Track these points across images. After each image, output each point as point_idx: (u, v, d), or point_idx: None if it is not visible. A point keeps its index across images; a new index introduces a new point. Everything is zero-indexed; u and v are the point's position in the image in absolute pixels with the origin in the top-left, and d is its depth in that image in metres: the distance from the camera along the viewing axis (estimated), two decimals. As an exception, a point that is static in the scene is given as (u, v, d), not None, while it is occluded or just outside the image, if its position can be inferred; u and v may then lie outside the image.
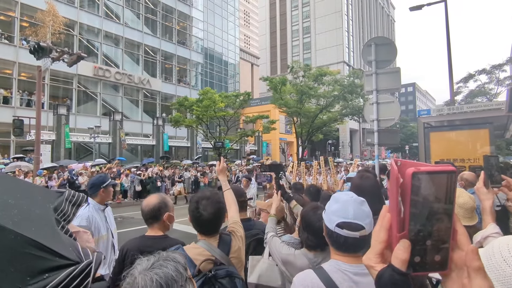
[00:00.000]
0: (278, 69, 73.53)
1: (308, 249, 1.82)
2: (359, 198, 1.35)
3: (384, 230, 0.54)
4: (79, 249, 0.67)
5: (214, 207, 1.70)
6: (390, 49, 5.54)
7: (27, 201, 0.71)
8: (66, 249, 0.62)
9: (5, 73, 22.24)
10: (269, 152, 41.34)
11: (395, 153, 62.57)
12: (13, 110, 21.10)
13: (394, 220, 0.51)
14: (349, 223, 1.26)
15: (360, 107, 27.94)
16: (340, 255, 1.32)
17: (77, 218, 2.70)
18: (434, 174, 0.48)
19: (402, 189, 0.50)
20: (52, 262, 0.58)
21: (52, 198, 0.82)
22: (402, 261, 0.48)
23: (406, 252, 0.48)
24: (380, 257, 0.54)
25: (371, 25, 78.47)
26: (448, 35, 13.18)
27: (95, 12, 27.42)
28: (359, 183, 2.24)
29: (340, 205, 1.31)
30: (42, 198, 0.79)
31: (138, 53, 30.78)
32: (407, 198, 0.48)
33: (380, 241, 0.54)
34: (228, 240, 1.79)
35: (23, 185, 0.83)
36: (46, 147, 20.43)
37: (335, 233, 1.28)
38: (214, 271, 1.52)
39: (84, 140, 24.70)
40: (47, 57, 11.87)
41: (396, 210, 0.51)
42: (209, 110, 23.95)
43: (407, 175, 0.48)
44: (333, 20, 65.44)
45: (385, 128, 5.85)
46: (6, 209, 0.61)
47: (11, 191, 0.72)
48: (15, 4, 22.41)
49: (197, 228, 1.75)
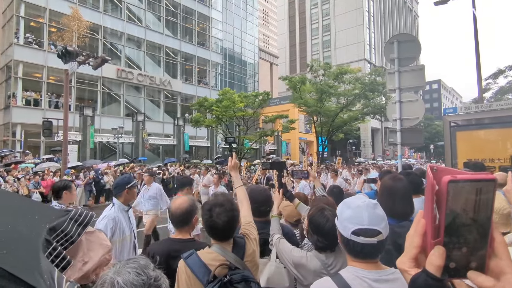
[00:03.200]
0: (298, 68, 73.02)
1: (319, 251, 1.80)
2: (371, 201, 1.30)
3: (418, 235, 0.54)
4: (54, 277, 0.62)
5: (227, 215, 1.66)
6: (414, 46, 5.37)
7: (13, 220, 0.68)
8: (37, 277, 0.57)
9: (35, 76, 23.28)
10: (289, 151, 41.14)
11: (419, 153, 60.78)
12: (43, 112, 22.04)
13: (429, 226, 0.52)
14: (365, 229, 1.22)
15: (382, 105, 27.30)
16: (358, 262, 1.28)
17: (104, 219, 2.77)
18: (471, 182, 0.47)
19: (438, 196, 0.50)
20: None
21: (53, 217, 0.79)
22: (437, 267, 0.49)
23: (441, 258, 0.49)
24: (414, 261, 0.55)
25: (394, 21, 76.47)
26: (476, 29, 12.63)
27: (118, 16, 28.22)
28: (391, 184, 2.13)
29: (353, 211, 1.26)
30: (39, 217, 0.75)
31: (159, 55, 31.42)
32: (443, 205, 0.48)
33: (415, 246, 0.55)
34: (242, 244, 1.76)
35: (20, 203, 0.79)
36: (73, 147, 21.22)
37: (351, 241, 1.23)
38: (230, 276, 1.50)
39: (108, 140, 25.47)
40: (73, 60, 12.30)
41: (431, 216, 0.51)
42: (228, 110, 24.07)
43: (443, 183, 0.48)
44: (354, 17, 64.25)
45: (409, 127, 5.68)
46: None
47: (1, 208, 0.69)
48: (44, 10, 23.41)
49: (211, 235, 1.73)
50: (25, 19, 22.85)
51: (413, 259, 0.55)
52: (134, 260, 0.87)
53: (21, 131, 21.61)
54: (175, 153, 29.56)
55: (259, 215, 2.37)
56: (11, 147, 21.16)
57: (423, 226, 0.54)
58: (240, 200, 2.02)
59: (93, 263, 0.93)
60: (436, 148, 58.10)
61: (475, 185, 0.47)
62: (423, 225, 0.54)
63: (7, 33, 23.81)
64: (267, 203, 2.45)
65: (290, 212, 2.91)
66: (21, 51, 22.17)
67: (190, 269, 1.59)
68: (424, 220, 0.54)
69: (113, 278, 0.79)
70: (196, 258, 1.62)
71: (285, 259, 1.92)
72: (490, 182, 0.47)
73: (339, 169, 13.77)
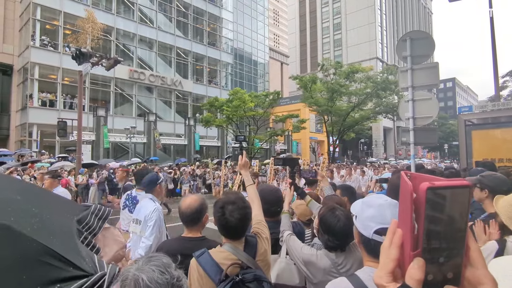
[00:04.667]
0: (308, 67, 72.63)
1: (329, 250, 1.79)
2: (393, 200, 1.27)
3: (396, 247, 0.52)
4: (95, 260, 0.66)
5: (240, 212, 1.66)
6: (427, 44, 5.26)
7: (51, 211, 0.72)
8: (81, 260, 0.62)
9: (51, 78, 23.82)
10: (299, 151, 40.98)
11: (433, 153, 59.69)
12: (58, 113, 22.53)
13: (408, 237, 0.49)
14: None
15: (394, 104, 26.90)
16: (375, 262, 1.24)
17: (155, 212, 2.90)
18: (448, 189, 0.46)
19: (416, 204, 0.48)
20: (66, 272, 0.57)
21: (78, 211, 0.83)
22: (417, 281, 0.46)
23: (421, 271, 0.47)
24: (391, 275, 0.52)
25: (406, 19, 75.28)
26: (492, 25, 12.32)
27: (130, 18, 28.61)
28: (398, 183, 2.09)
29: (375, 210, 1.23)
30: (67, 210, 0.80)
31: (171, 56, 31.71)
32: (421, 214, 0.46)
33: (392, 259, 0.52)
34: (254, 243, 1.75)
35: (50, 197, 0.85)
36: (87, 147, 21.62)
37: (373, 240, 1.20)
38: (242, 275, 1.50)
39: (121, 140, 25.85)
40: (87, 62, 12.55)
41: (410, 226, 0.48)
42: (239, 110, 24.14)
43: (421, 190, 0.46)
44: (366, 15, 63.51)
45: (422, 127, 5.58)
46: (27, 217, 0.62)
47: (37, 201, 0.73)
48: (59, 13, 23.91)
49: (223, 233, 1.73)
50: (41, 22, 23.39)
51: (391, 273, 0.51)
52: (157, 258, 0.87)
53: (37, 131, 22.14)
54: (186, 153, 29.81)
55: (270, 215, 2.37)
56: (27, 147, 21.70)
57: (400, 236, 0.51)
58: (251, 198, 2.02)
59: (107, 258, 0.94)
60: (451, 148, 56.95)
61: (452, 192, 0.46)
62: (400, 236, 0.51)
63: (24, 36, 24.42)
64: (278, 204, 2.44)
65: (303, 211, 2.89)
66: (37, 53, 22.71)
67: (202, 268, 1.59)
68: (400, 231, 0.51)
69: (137, 275, 0.79)
70: (208, 257, 1.62)
71: (295, 256, 1.91)
72: (465, 188, 0.46)
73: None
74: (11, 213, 0.58)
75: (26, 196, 0.71)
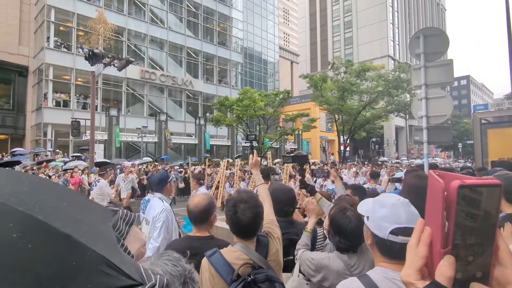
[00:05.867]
0: (319, 66, 72.12)
1: (341, 252, 1.77)
2: (405, 200, 1.24)
3: (425, 245, 0.52)
4: (141, 270, 0.66)
5: (252, 211, 1.65)
6: (441, 40, 5.16)
7: (92, 217, 0.72)
8: (130, 268, 0.62)
9: (64, 79, 24.29)
10: (310, 150, 40.76)
11: (446, 152, 58.56)
12: (71, 113, 22.96)
13: (438, 235, 0.49)
14: (404, 228, 1.16)
15: (406, 103, 26.52)
16: (388, 262, 1.22)
17: (163, 212, 2.92)
18: (479, 188, 0.46)
19: (447, 202, 0.48)
20: (120, 281, 0.57)
21: (109, 215, 0.83)
22: (448, 278, 0.46)
23: (452, 268, 0.46)
24: (420, 273, 0.52)
25: (419, 16, 73.97)
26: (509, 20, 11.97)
27: (141, 18, 28.93)
28: (416, 183, 2.03)
29: (389, 210, 1.20)
30: (102, 215, 0.82)
31: (181, 56, 31.93)
32: (452, 212, 0.47)
33: (421, 257, 0.52)
34: (265, 243, 1.74)
35: (85, 201, 0.86)
36: (100, 147, 21.96)
37: (389, 241, 1.17)
38: (253, 275, 1.49)
39: (132, 140, 26.20)
40: (100, 62, 12.74)
41: (440, 224, 0.49)
42: (249, 109, 24.15)
43: (453, 188, 0.46)
44: (377, 12, 62.66)
45: (435, 125, 5.47)
46: (78, 225, 0.61)
47: (77, 206, 0.72)
48: (72, 15, 24.35)
49: (235, 232, 1.73)
50: (54, 24, 23.85)
51: (419, 271, 0.51)
52: (168, 253, 0.88)
53: (52, 131, 22.61)
54: (197, 152, 30.00)
55: (283, 215, 2.35)
56: (42, 146, 22.19)
57: (429, 234, 0.51)
58: (262, 198, 2.00)
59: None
60: (465, 147, 55.67)
61: (483, 190, 0.46)
62: (429, 234, 0.51)
63: (39, 37, 24.96)
64: (291, 203, 2.42)
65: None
66: (51, 55, 23.18)
67: (213, 268, 1.58)
68: (430, 229, 0.51)
69: (152, 269, 0.80)
70: (220, 257, 1.61)
71: (306, 267, 1.87)
72: (496, 187, 0.46)
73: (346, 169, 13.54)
74: (66, 222, 0.58)
75: (69, 202, 0.70)
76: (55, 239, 0.54)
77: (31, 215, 0.54)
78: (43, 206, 0.60)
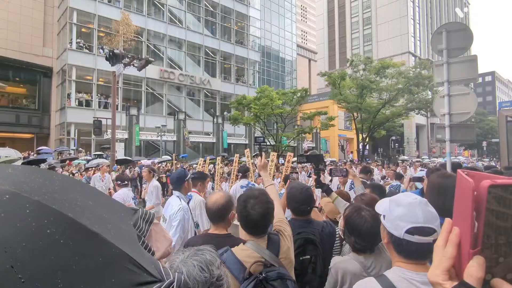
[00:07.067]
0: (337, 63, 71.16)
1: (357, 253, 1.72)
2: (423, 199, 1.22)
3: (453, 245, 0.51)
4: (160, 267, 0.69)
5: (262, 206, 1.66)
6: (465, 36, 4.96)
7: (115, 216, 0.76)
8: (150, 265, 0.64)
9: (86, 79, 25.03)
10: (328, 149, 40.33)
11: (470, 150, 56.56)
12: (93, 112, 23.62)
13: (467, 235, 0.48)
14: (420, 228, 1.14)
15: (427, 100, 25.74)
16: (405, 262, 1.20)
17: (180, 211, 2.94)
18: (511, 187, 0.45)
19: (476, 202, 0.47)
20: (142, 277, 0.60)
21: (130, 214, 0.86)
22: (478, 279, 0.45)
23: (482, 269, 0.45)
24: (448, 273, 0.51)
25: (441, 10, 71.64)
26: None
27: (160, 19, 29.40)
28: (440, 182, 1.98)
29: (405, 209, 1.18)
30: (123, 214, 0.83)
31: (199, 55, 32.26)
32: (482, 212, 0.45)
33: (449, 257, 0.51)
34: (276, 240, 1.74)
35: (108, 200, 0.87)
36: (120, 145, 22.52)
37: (405, 240, 1.16)
38: (265, 273, 1.48)
39: (152, 138, 26.70)
40: (120, 63, 13.02)
41: (469, 224, 0.47)
42: (266, 108, 24.10)
43: (483, 188, 0.45)
44: (397, 8, 61.14)
45: (459, 123, 5.28)
46: (104, 223, 0.65)
47: (102, 205, 0.76)
48: (93, 16, 25.03)
49: (245, 228, 1.73)
50: (77, 26, 24.59)
51: (447, 271, 0.50)
52: (202, 252, 0.88)
53: (75, 130, 23.35)
54: (214, 151, 30.25)
55: (300, 214, 2.33)
56: (66, 145, 22.97)
57: (458, 235, 0.50)
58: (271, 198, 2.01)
59: (160, 253, 0.98)
60: (490, 146, 53.56)
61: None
62: (458, 234, 0.50)
63: (62, 39, 25.82)
64: (307, 202, 2.39)
65: (332, 208, 2.81)
66: (74, 56, 23.93)
67: (225, 266, 1.59)
68: (458, 229, 0.50)
69: (179, 268, 0.80)
70: (231, 255, 1.61)
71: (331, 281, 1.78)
72: None
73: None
74: (93, 220, 0.61)
75: (95, 201, 0.74)
76: (84, 236, 0.58)
77: (62, 213, 0.58)
78: (73, 205, 0.65)
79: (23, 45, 24.89)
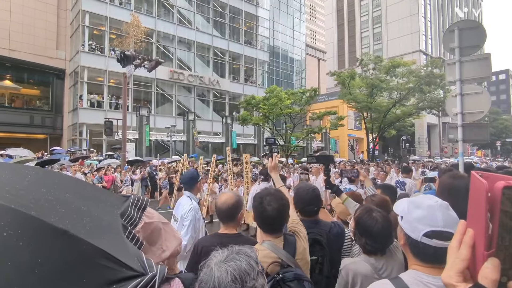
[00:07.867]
0: (346, 63, 70.58)
1: (368, 255, 1.71)
2: (444, 202, 1.19)
3: (467, 247, 0.50)
4: (143, 259, 0.66)
5: (278, 203, 1.69)
6: (478, 33, 4.88)
7: (97, 208, 0.72)
8: (131, 259, 0.62)
9: (98, 80, 25.42)
10: (337, 149, 40.05)
11: (484, 150, 55.44)
12: (104, 113, 23.97)
13: (482, 237, 0.47)
14: (439, 232, 1.11)
15: (439, 99, 25.36)
16: (422, 266, 1.18)
17: (191, 211, 2.96)
18: None
19: (490, 204, 0.46)
20: (119, 273, 0.57)
21: (119, 203, 0.83)
22: (493, 281, 0.44)
23: (496, 271, 0.44)
24: (461, 275, 0.50)
25: (453, 8, 70.37)
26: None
27: (170, 20, 29.65)
28: (451, 183, 1.96)
29: (425, 211, 1.16)
30: (110, 203, 0.80)
31: (208, 56, 32.40)
32: (496, 214, 0.44)
33: (463, 259, 0.51)
34: (293, 241, 1.75)
35: (92, 190, 0.83)
36: (131, 145, 22.78)
37: (422, 243, 1.14)
38: (282, 274, 1.48)
39: (162, 139, 26.94)
40: (131, 64, 13.20)
41: (484, 225, 0.46)
42: (275, 108, 24.08)
43: (497, 189, 0.44)
44: (407, 6, 60.30)
45: (472, 122, 5.18)
46: (79, 217, 0.62)
47: (85, 197, 0.73)
48: (105, 19, 25.39)
49: (262, 225, 1.75)
50: (89, 28, 24.99)
51: (461, 273, 0.50)
52: (239, 258, 0.86)
53: (87, 130, 23.72)
54: (224, 151, 30.30)
55: (307, 215, 2.33)
56: (78, 145, 23.36)
57: (472, 236, 0.49)
58: None
59: (169, 252, 0.97)
60: (504, 145, 52.46)
61: None
62: (472, 236, 0.49)
63: (74, 41, 26.27)
64: (314, 203, 2.40)
65: (344, 209, 2.80)
66: (86, 58, 24.33)
67: None
68: (472, 230, 0.49)
69: (213, 271, 0.79)
70: None
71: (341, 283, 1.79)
72: None
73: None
74: (64, 215, 0.59)
75: (74, 193, 0.71)
76: (49, 236, 0.54)
77: (23, 212, 0.54)
78: (42, 201, 0.61)
79: (37, 47, 25.41)
